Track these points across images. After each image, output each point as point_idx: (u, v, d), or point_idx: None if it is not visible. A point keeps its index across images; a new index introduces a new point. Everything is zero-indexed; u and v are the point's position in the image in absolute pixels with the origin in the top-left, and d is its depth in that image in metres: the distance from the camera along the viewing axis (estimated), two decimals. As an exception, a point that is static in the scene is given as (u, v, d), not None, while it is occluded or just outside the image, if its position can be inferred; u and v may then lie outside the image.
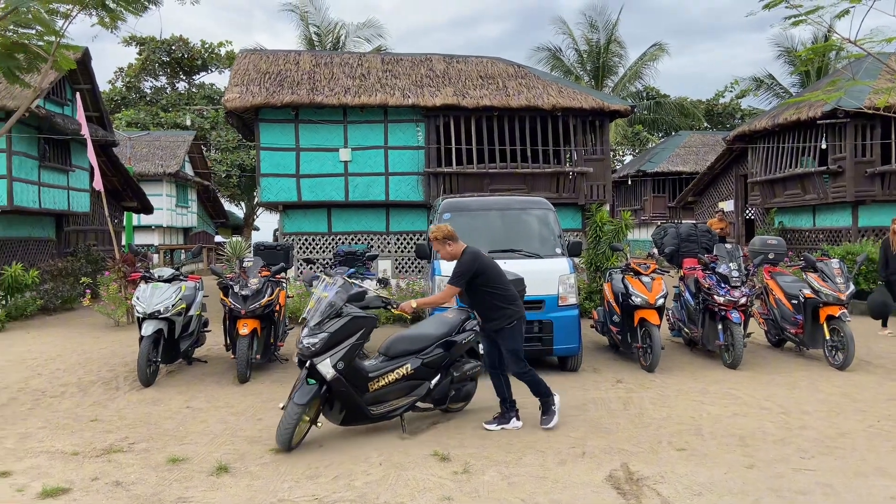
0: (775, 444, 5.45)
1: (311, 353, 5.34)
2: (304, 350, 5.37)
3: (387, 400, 5.72)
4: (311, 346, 5.33)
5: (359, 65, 15.80)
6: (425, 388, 5.92)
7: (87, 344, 10.60)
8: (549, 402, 5.98)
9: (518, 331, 5.88)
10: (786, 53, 30.10)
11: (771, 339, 9.78)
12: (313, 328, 5.41)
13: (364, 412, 5.57)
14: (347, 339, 5.48)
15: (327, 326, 5.42)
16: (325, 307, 5.50)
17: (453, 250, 5.88)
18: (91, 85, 17.00)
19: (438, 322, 6.19)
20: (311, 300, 5.71)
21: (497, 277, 5.89)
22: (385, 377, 5.68)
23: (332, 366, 5.37)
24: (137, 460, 5.24)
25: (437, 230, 5.89)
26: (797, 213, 17.58)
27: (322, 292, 5.67)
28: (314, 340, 5.35)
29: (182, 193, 29.38)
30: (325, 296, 5.59)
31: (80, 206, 17.63)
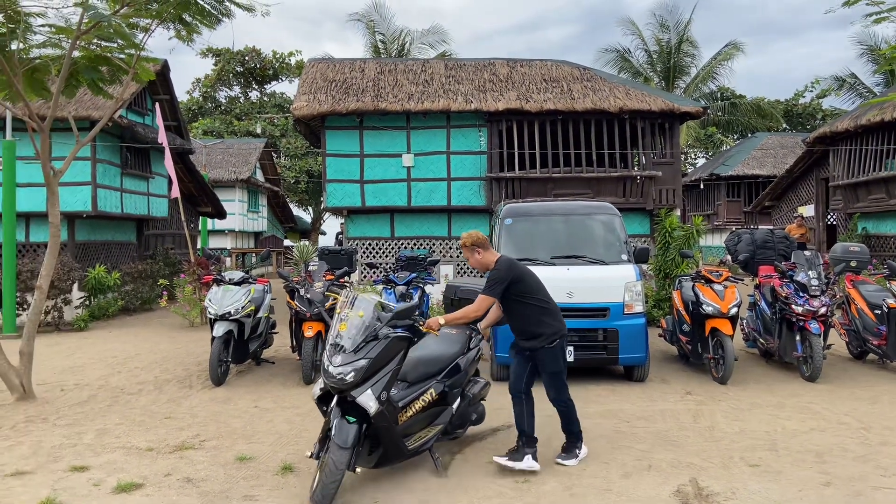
0: (854, 461, 5.15)
1: (351, 384, 4.41)
2: (339, 382, 4.42)
3: (414, 432, 4.92)
4: (348, 377, 4.41)
5: (422, 71, 15.92)
6: (449, 414, 5.19)
7: (164, 343, 11.04)
8: (576, 444, 5.25)
9: (561, 350, 5.14)
10: (868, 52, 28.58)
11: (852, 350, 9.28)
12: (348, 354, 4.51)
13: (402, 448, 4.75)
14: (388, 364, 4.62)
15: (366, 351, 4.52)
16: (364, 328, 4.60)
17: (484, 259, 5.18)
18: (170, 95, 17.74)
19: (448, 340, 5.44)
20: (339, 320, 4.71)
21: (536, 288, 5.16)
22: (413, 405, 4.86)
23: (375, 397, 4.46)
24: (207, 457, 5.40)
25: (467, 236, 5.24)
26: (881, 219, 16.63)
27: (355, 310, 4.72)
28: (350, 369, 4.43)
29: (253, 199, 30.31)
30: (360, 315, 4.67)
31: (159, 212, 18.42)
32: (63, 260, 12.80)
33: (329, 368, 4.48)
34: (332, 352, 4.55)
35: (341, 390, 4.46)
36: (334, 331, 4.65)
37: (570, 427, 5.23)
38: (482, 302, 4.99)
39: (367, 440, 4.61)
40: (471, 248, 5.21)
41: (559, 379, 5.14)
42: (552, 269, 7.87)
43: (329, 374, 4.47)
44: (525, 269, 5.20)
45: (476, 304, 5.01)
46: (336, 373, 4.43)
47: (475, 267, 5.28)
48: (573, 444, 5.24)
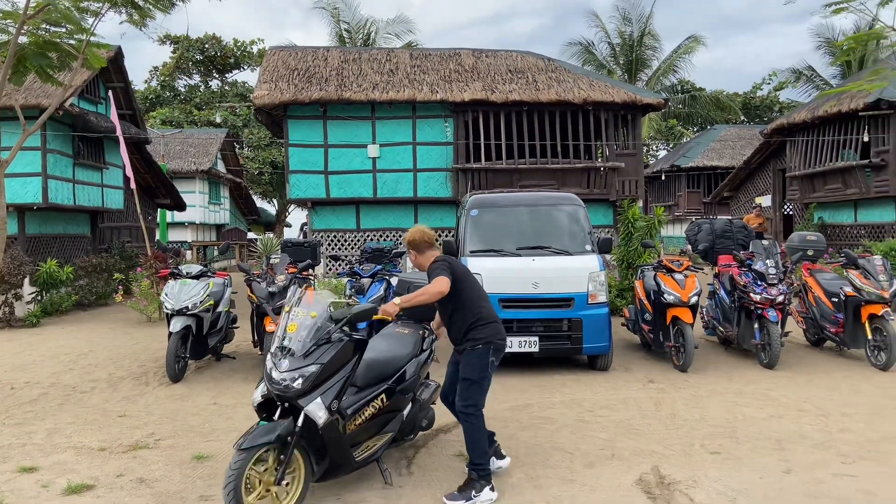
0: (814, 447, 5.23)
1: (298, 392, 3.92)
2: (285, 389, 3.92)
3: (362, 440, 4.48)
4: (295, 384, 3.93)
5: (387, 60, 15.75)
6: (399, 421, 4.77)
7: (119, 339, 10.74)
8: (474, 484, 4.32)
9: (482, 358, 4.48)
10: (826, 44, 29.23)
11: (810, 338, 9.47)
12: (297, 359, 4.02)
13: (349, 460, 4.28)
14: (340, 370, 4.16)
15: (316, 356, 4.04)
16: (315, 330, 4.12)
17: (424, 260, 4.71)
18: (124, 83, 17.25)
19: (400, 341, 4.99)
20: (289, 320, 4.20)
21: (474, 289, 4.63)
22: (362, 413, 4.39)
23: (325, 407, 3.98)
24: (163, 457, 5.24)
25: (409, 233, 4.75)
26: (837, 209, 17.05)
27: (305, 310, 4.21)
28: (298, 375, 3.94)
29: (214, 190, 29.74)
30: (313, 315, 4.15)
31: (114, 203, 17.92)
32: (13, 254, 12.36)
33: (273, 374, 3.99)
34: (278, 355, 4.07)
35: (287, 398, 3.98)
36: (281, 332, 4.17)
37: (475, 449, 4.40)
38: (439, 283, 4.38)
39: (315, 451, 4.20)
40: (412, 244, 4.72)
41: (469, 387, 4.47)
42: (518, 259, 7.86)
43: (273, 381, 3.97)
44: (466, 271, 4.70)
45: (434, 285, 4.39)
46: (281, 379, 3.94)
47: (419, 267, 4.79)
48: (472, 483, 4.33)
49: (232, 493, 3.75)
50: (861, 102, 14.29)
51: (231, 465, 3.83)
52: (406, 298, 4.39)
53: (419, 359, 4.97)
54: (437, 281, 4.41)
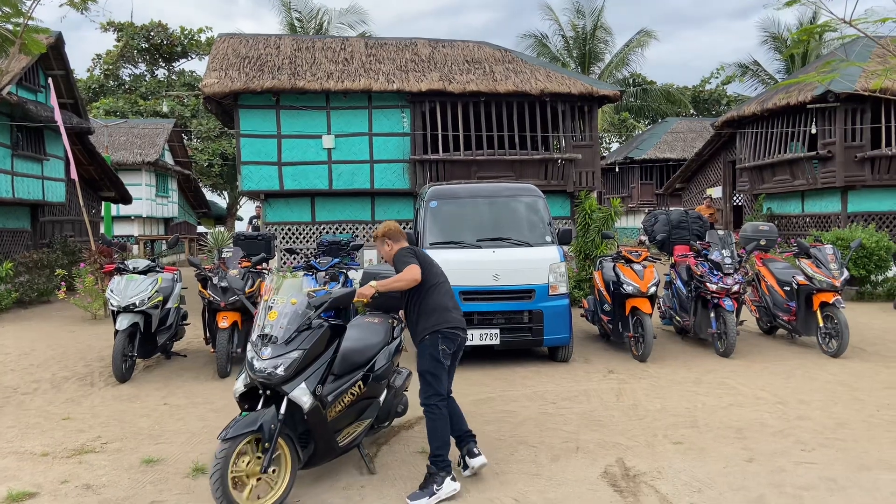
0: (774, 436, 5.28)
1: (282, 378, 3.98)
2: (269, 376, 3.97)
3: (343, 427, 4.50)
4: (279, 370, 3.98)
5: (342, 49, 15.43)
6: (377, 408, 4.84)
7: (63, 338, 10.28)
8: (435, 478, 4.24)
9: (431, 348, 4.42)
10: (771, 39, 29.96)
11: (762, 326, 9.65)
12: (279, 346, 4.06)
13: (333, 446, 4.36)
14: (321, 355, 4.24)
15: (298, 342, 4.10)
16: (296, 317, 4.17)
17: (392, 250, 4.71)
18: (65, 71, 16.52)
19: (371, 330, 5.04)
20: (267, 308, 4.23)
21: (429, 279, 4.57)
22: (342, 399, 4.41)
23: (310, 392, 4.07)
24: (109, 461, 4.98)
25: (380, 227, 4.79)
26: (786, 199, 17.48)
27: (285, 297, 4.25)
28: (282, 362, 4.00)
29: (162, 183, 28.85)
30: (293, 302, 4.21)
31: (56, 196, 17.17)
32: (-54, 249, 11.69)
33: (256, 362, 4.03)
34: (259, 343, 4.11)
35: (271, 385, 4.02)
36: (262, 320, 4.20)
37: (431, 441, 4.35)
38: (412, 270, 4.41)
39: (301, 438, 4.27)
40: (382, 238, 4.72)
41: (424, 378, 4.43)
42: (478, 251, 7.77)
43: (256, 369, 4.02)
44: (430, 261, 4.70)
45: (407, 272, 4.41)
46: (265, 367, 3.99)
47: (385, 259, 4.84)
48: (430, 475, 4.27)
49: (219, 482, 3.75)
50: (809, 95, 14.64)
51: (216, 455, 3.81)
52: (382, 283, 4.45)
53: (390, 347, 5.00)
54: (409, 269, 4.43)
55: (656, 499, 4.17)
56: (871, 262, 12.47)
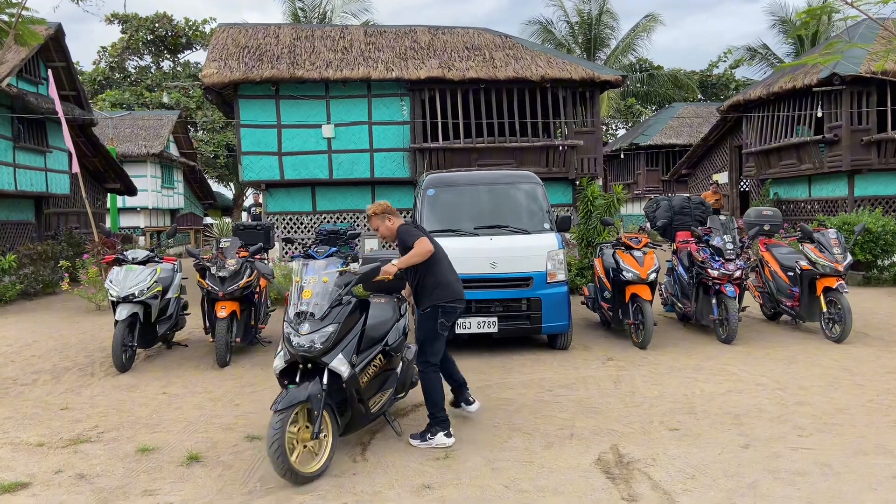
0: (771, 421, 5.23)
1: (321, 350, 4.36)
2: (309, 349, 4.35)
3: (370, 396, 4.90)
4: (318, 343, 4.35)
5: (341, 38, 15.35)
6: (395, 379, 5.25)
7: (66, 329, 10.32)
8: (434, 429, 4.92)
9: (430, 320, 4.98)
10: (780, 23, 29.65)
11: (766, 312, 9.57)
12: (315, 321, 4.43)
13: (366, 412, 4.77)
14: (353, 328, 4.64)
15: (332, 317, 4.47)
16: (329, 294, 4.55)
17: (393, 226, 5.14)
18: (66, 62, 16.52)
19: (381, 308, 5.41)
20: (301, 288, 4.63)
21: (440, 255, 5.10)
22: (367, 371, 4.82)
23: (347, 361, 4.47)
24: (105, 451, 4.99)
25: (376, 205, 5.18)
26: (792, 184, 17.32)
27: (316, 276, 4.66)
28: (319, 336, 4.37)
29: (168, 174, 28.90)
30: (325, 280, 4.61)
31: (60, 188, 17.23)
32: (-51, 242, 11.75)
33: (294, 338, 4.39)
34: (296, 320, 4.47)
35: (311, 358, 4.39)
36: (296, 299, 4.58)
37: (426, 398, 4.99)
38: (423, 243, 4.87)
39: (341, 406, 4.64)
40: (381, 216, 5.12)
41: (422, 348, 5.07)
42: (476, 239, 7.72)
43: (296, 344, 4.37)
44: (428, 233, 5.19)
45: (420, 245, 4.86)
46: (305, 341, 4.36)
47: (385, 236, 5.20)
48: (429, 426, 4.94)
49: (278, 450, 4.07)
50: (815, 78, 14.46)
51: (272, 426, 4.12)
52: (402, 260, 4.87)
53: (399, 323, 5.43)
54: (421, 242, 4.87)
55: (648, 486, 4.13)
56: (877, 247, 12.35)
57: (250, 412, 5.87)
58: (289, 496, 4.13)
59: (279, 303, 11.52)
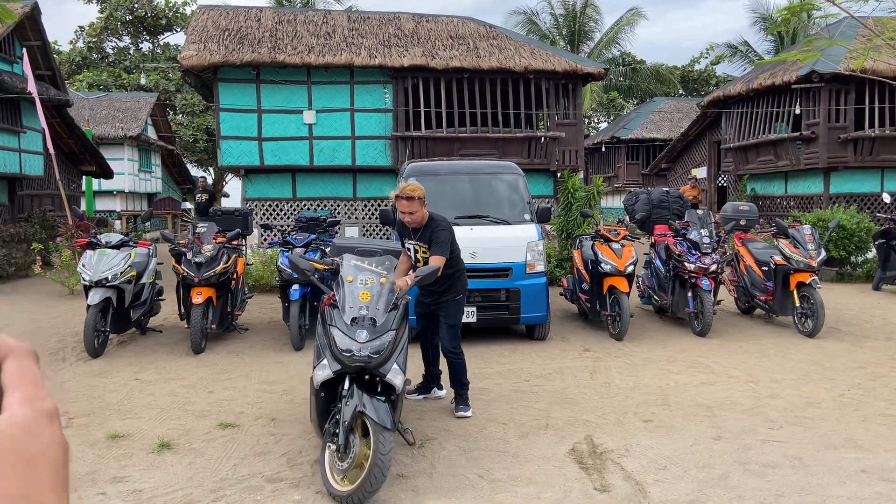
0: (743, 414, 5.29)
1: (379, 361, 3.96)
2: (369, 361, 3.93)
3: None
4: (378, 354, 3.94)
5: (323, 22, 15.18)
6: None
7: (38, 313, 10.15)
8: (466, 393, 5.37)
9: (462, 305, 5.46)
10: (761, 20, 29.87)
11: (740, 306, 9.68)
12: (376, 328, 4.02)
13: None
14: (403, 333, 4.28)
15: (389, 322, 4.09)
16: (387, 297, 4.19)
17: (424, 214, 5.20)
18: (42, 41, 16.16)
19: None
20: (356, 289, 4.17)
21: (456, 245, 5.39)
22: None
23: (401, 371, 4.12)
24: (75, 436, 4.91)
25: (415, 187, 5.11)
26: (769, 180, 17.51)
27: (373, 276, 4.24)
28: (379, 344, 3.96)
29: (145, 158, 28.47)
30: (383, 281, 4.23)
31: (34, 170, 16.89)
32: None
33: (351, 346, 3.92)
34: (352, 326, 3.99)
35: (370, 369, 3.98)
36: (353, 301, 4.10)
37: (460, 377, 5.33)
38: (441, 262, 4.94)
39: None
40: (421, 200, 5.12)
41: (456, 331, 5.37)
42: (456, 229, 7.62)
43: (356, 355, 3.90)
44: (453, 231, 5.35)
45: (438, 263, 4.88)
46: (364, 350, 3.91)
47: (412, 223, 5.20)
48: (465, 394, 5.34)
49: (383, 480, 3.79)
50: (794, 75, 14.59)
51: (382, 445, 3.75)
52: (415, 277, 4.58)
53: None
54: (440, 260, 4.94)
55: (621, 476, 4.16)
56: (851, 244, 12.52)
57: (224, 399, 5.82)
58: (261, 484, 4.10)
59: (256, 289, 11.43)
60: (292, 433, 4.95)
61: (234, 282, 8.25)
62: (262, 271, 11.92)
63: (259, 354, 7.50)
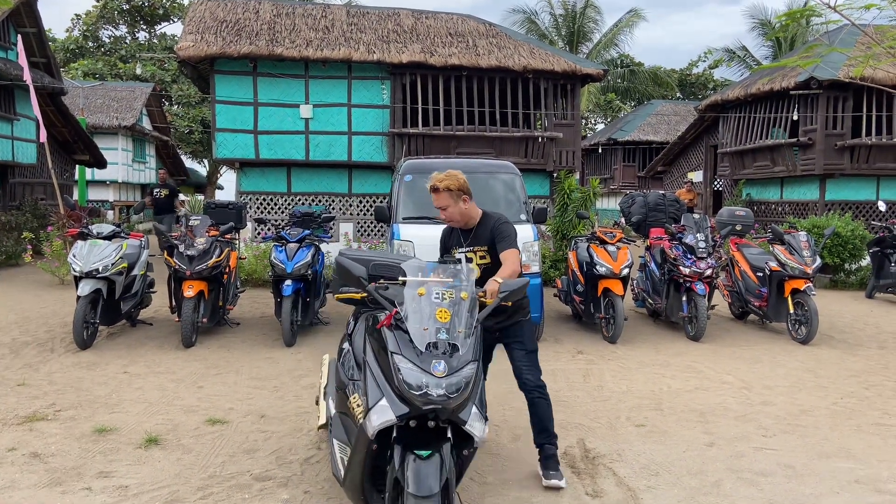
0: (736, 420, 5.27)
1: (459, 404, 2.95)
2: (448, 401, 2.89)
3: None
4: (457, 394, 2.92)
5: (322, 17, 15.09)
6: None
7: (28, 302, 10.05)
8: (554, 448, 4.12)
9: (532, 326, 4.33)
10: (759, 26, 29.91)
11: (734, 311, 9.66)
12: (454, 358, 3.00)
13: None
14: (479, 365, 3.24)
15: (469, 350, 3.07)
16: (470, 318, 3.17)
17: (471, 211, 4.11)
18: (37, 28, 16.01)
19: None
20: (429, 304, 3.11)
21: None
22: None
23: (482, 416, 3.09)
24: (61, 429, 4.85)
25: (452, 178, 4.00)
26: (765, 186, 17.52)
27: (450, 289, 3.20)
28: (457, 381, 2.94)
29: (139, 148, 28.29)
30: (464, 296, 3.19)
31: (26, 158, 16.75)
32: None
33: (429, 384, 2.89)
34: (426, 356, 2.98)
35: (447, 413, 2.94)
36: (428, 322, 3.05)
37: (548, 425, 4.12)
38: (518, 259, 3.93)
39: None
40: (457, 193, 4.00)
41: (533, 357, 4.20)
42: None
43: (429, 394, 2.87)
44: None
45: (516, 258, 3.90)
46: (445, 390, 2.88)
47: (451, 220, 4.14)
48: (555, 450, 4.11)
49: None
50: (792, 81, 14.59)
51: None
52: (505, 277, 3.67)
53: None
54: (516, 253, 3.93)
55: (613, 481, 4.13)
56: (845, 251, 12.54)
57: (213, 395, 5.76)
58: (249, 482, 4.04)
59: (249, 284, 11.36)
60: (282, 431, 4.90)
61: (226, 276, 8.18)
62: (255, 265, 11.85)
63: (250, 350, 7.44)
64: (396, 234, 7.77)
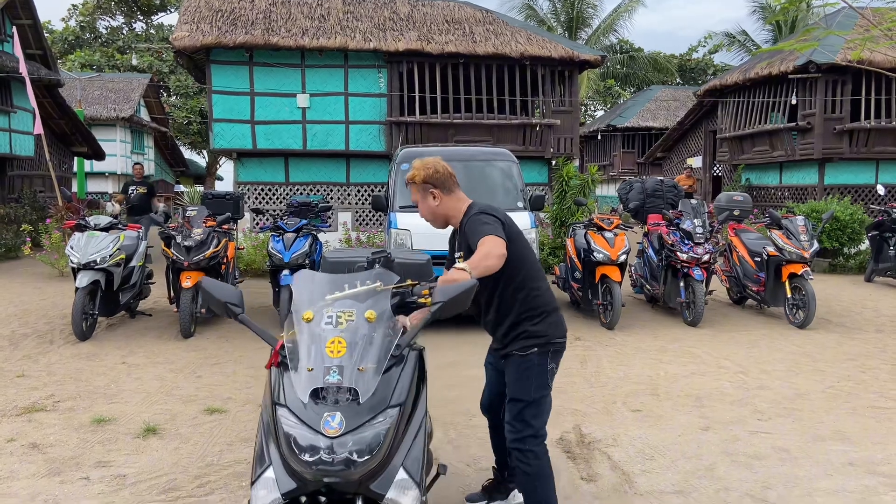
0: (732, 404, 5.29)
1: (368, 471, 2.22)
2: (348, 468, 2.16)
3: None
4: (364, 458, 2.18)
5: (318, 5, 15.00)
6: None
7: (27, 294, 10.09)
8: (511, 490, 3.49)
9: (538, 367, 3.07)
10: (760, 9, 29.70)
11: (732, 296, 9.68)
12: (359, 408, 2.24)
13: None
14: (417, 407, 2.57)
15: (385, 391, 2.33)
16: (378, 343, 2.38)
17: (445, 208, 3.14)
18: (33, 20, 15.96)
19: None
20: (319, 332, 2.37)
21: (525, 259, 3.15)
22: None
23: (415, 482, 2.31)
24: (60, 420, 4.88)
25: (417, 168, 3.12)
26: (764, 170, 17.48)
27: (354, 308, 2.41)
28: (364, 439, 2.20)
29: (137, 140, 28.24)
30: (370, 317, 2.38)
31: (24, 150, 16.73)
32: None
33: (319, 446, 2.16)
34: (316, 406, 2.24)
35: (348, 486, 2.23)
36: (314, 359, 2.30)
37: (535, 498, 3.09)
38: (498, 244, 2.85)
39: None
40: (421, 186, 3.11)
41: (526, 410, 3.07)
42: (446, 215, 7.63)
43: (321, 461, 2.15)
44: (518, 232, 3.16)
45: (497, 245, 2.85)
46: (340, 452, 2.16)
47: (429, 220, 3.21)
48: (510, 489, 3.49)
49: None
50: (791, 65, 14.52)
51: None
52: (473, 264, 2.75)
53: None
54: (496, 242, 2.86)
55: (608, 466, 4.15)
56: (844, 235, 12.54)
57: (212, 384, 5.78)
58: (246, 470, 4.06)
59: (247, 274, 11.38)
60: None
61: (224, 266, 8.20)
62: (254, 255, 11.86)
63: (248, 339, 7.45)
64: (393, 223, 7.78)
